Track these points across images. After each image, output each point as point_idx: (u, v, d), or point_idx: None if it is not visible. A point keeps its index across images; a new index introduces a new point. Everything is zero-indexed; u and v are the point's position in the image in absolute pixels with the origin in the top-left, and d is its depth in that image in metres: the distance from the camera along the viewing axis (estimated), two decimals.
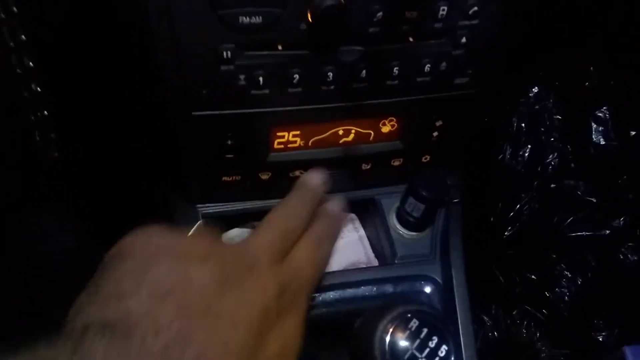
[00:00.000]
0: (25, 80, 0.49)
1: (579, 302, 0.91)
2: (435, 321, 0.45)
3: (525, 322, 0.90)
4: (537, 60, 0.87)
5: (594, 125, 0.93)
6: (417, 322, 0.44)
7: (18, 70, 0.48)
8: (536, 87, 0.88)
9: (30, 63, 0.48)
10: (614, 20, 0.87)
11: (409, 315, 0.45)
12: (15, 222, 0.71)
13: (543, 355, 0.88)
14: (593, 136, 0.93)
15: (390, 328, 0.44)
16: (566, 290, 0.91)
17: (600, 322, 0.91)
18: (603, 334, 0.92)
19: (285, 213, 0.54)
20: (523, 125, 0.88)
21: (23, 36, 0.47)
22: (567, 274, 0.91)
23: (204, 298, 0.39)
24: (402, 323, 0.44)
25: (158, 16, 0.48)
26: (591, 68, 0.88)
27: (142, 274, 0.38)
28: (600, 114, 0.93)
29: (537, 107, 0.88)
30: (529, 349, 0.89)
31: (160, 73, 0.53)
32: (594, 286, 0.92)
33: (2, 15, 0.46)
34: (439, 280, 0.65)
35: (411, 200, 0.63)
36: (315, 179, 0.60)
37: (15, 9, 0.46)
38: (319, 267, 0.54)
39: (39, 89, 0.50)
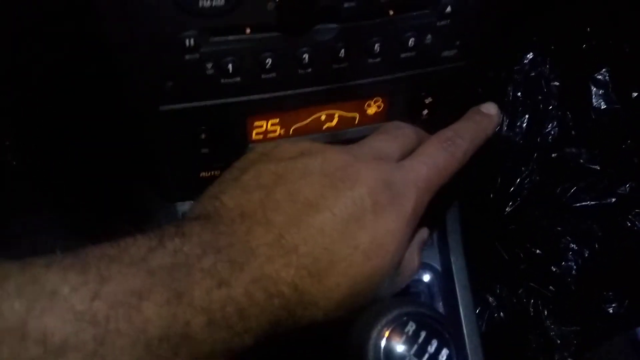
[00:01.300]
0: None
1: (586, 275, 0.87)
2: (435, 323, 0.41)
3: (532, 300, 0.87)
4: (529, 24, 0.82)
5: (594, 89, 0.89)
6: (414, 325, 0.40)
7: None
8: (531, 53, 0.83)
9: None
10: None
11: (405, 317, 0.41)
12: None
13: (552, 333, 0.85)
14: (593, 100, 0.89)
15: (385, 333, 0.40)
16: (573, 264, 0.87)
17: (610, 294, 0.87)
18: (613, 305, 0.89)
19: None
20: (519, 94, 0.84)
21: None
22: (573, 247, 0.87)
23: (288, 187, 0.43)
24: (398, 327, 0.40)
25: (112, 5, 0.44)
26: (588, 29, 0.83)
27: (238, 176, 0.45)
28: (599, 77, 0.89)
29: (532, 74, 0.83)
30: (537, 327, 0.86)
31: (120, 66, 0.49)
32: (602, 257, 0.88)
33: None
34: (438, 267, 0.62)
35: None
36: (492, 108, 0.54)
37: None
38: (441, 167, 0.48)
39: None
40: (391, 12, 0.50)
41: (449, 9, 0.51)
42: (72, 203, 0.69)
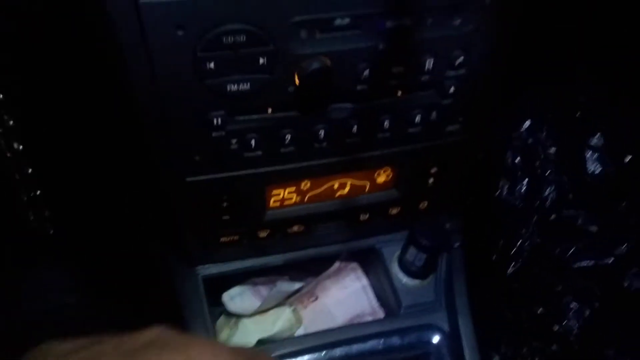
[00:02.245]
0: (16, 163, 0.49)
1: (588, 333, 0.89)
2: None
3: (536, 359, 0.89)
4: (526, 95, 0.87)
5: (589, 153, 0.93)
6: None
7: (8, 154, 0.48)
8: (528, 121, 0.88)
9: (20, 146, 0.48)
10: (597, 49, 0.88)
11: None
12: (14, 280, 0.71)
13: None
14: (588, 164, 0.93)
15: None
16: (575, 322, 0.89)
17: (611, 352, 0.89)
18: None
19: None
20: (518, 160, 0.88)
21: (11, 121, 0.47)
22: (574, 306, 0.90)
23: None
24: None
25: (146, 88, 0.48)
26: (580, 99, 0.88)
27: None
28: (594, 142, 0.93)
29: (530, 140, 0.88)
30: None
31: (152, 142, 0.53)
32: (603, 316, 0.90)
33: None
34: (446, 328, 0.64)
35: (412, 250, 0.63)
36: None
37: (1, 95, 0.46)
38: None
39: (30, 170, 0.50)
40: (399, 93, 0.55)
41: (452, 89, 0.55)
42: (96, 260, 0.72)
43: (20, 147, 0.49)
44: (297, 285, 0.71)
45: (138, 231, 0.66)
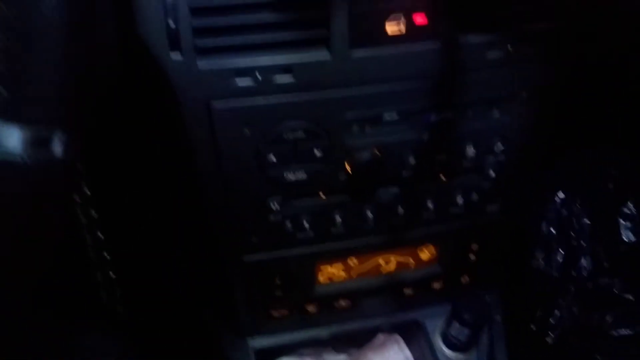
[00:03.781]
0: (96, 249, 0.53)
1: None
2: None
3: None
4: (558, 168, 0.91)
5: (622, 222, 0.95)
6: None
7: (89, 242, 0.53)
8: (561, 193, 0.91)
9: (101, 235, 0.53)
10: (627, 122, 0.91)
11: None
12: (63, 342, 0.74)
13: None
14: (622, 233, 0.94)
15: None
16: None
17: None
18: None
19: None
20: (552, 230, 0.91)
21: (94, 213, 0.52)
22: None
23: None
24: None
25: (212, 177, 0.53)
26: (611, 171, 0.91)
27: None
28: (627, 210, 0.95)
29: (564, 211, 0.91)
30: None
31: (214, 224, 0.57)
32: None
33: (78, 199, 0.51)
34: None
35: (456, 324, 0.65)
36: None
37: (89, 192, 0.51)
38: None
39: (107, 256, 0.55)
40: (442, 177, 0.59)
41: (492, 173, 0.59)
42: (147, 326, 0.75)
43: (102, 236, 0.54)
44: (341, 357, 0.74)
45: (193, 303, 0.70)
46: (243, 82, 0.47)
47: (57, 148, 0.27)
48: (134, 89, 0.47)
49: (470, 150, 0.56)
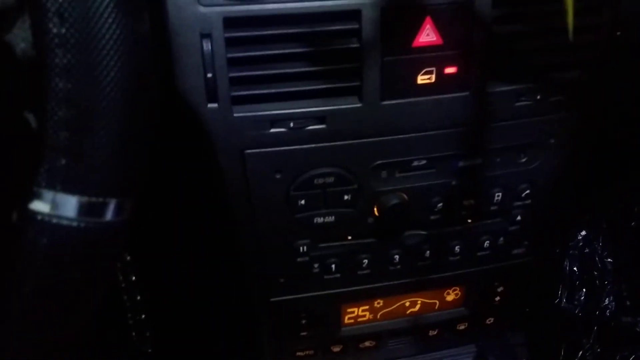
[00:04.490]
0: (129, 292, 0.54)
1: None
2: None
3: None
4: (581, 205, 0.91)
5: None
6: None
7: (123, 284, 0.54)
8: (584, 231, 0.90)
9: (134, 278, 0.54)
10: None
11: None
12: None
13: None
14: None
15: None
16: None
17: None
18: None
19: None
20: (575, 269, 0.90)
21: (128, 257, 0.53)
22: None
23: None
24: None
25: (243, 220, 0.54)
26: (634, 209, 0.91)
27: None
28: None
29: (587, 250, 0.90)
30: None
31: (243, 266, 0.58)
32: None
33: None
34: None
35: None
36: None
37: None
38: None
39: (139, 297, 0.55)
40: (469, 221, 0.59)
41: (518, 217, 0.59)
42: None
43: (134, 278, 0.55)
44: None
45: (220, 344, 0.70)
46: (277, 130, 0.48)
47: (110, 214, 0.28)
48: (171, 139, 0.49)
49: (498, 196, 0.57)
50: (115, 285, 0.55)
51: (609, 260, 0.91)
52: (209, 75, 0.45)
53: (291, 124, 0.48)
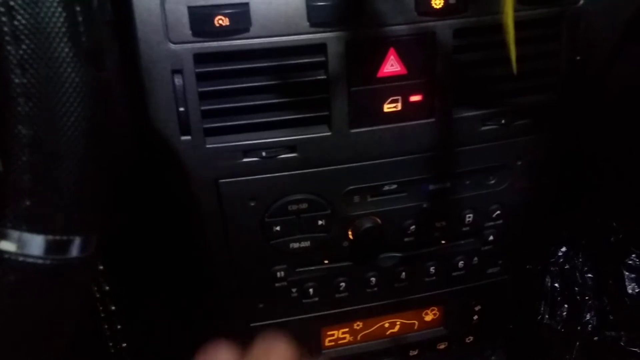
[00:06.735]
0: (107, 318, 0.55)
1: None
2: None
3: None
4: (560, 221, 0.92)
5: (627, 274, 0.95)
6: None
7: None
8: (564, 247, 0.92)
9: (113, 307, 0.55)
10: (624, 174, 0.93)
11: None
12: None
13: None
14: (627, 285, 0.95)
15: None
16: None
17: None
18: None
19: None
20: (556, 285, 0.92)
21: (107, 287, 0.54)
22: None
23: None
24: None
25: (219, 248, 0.55)
26: (612, 223, 0.92)
27: None
28: (630, 262, 0.96)
29: (567, 266, 0.92)
30: None
31: (221, 292, 0.59)
32: None
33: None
34: None
35: None
36: None
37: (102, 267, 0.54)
38: None
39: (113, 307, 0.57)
40: (443, 242, 0.60)
41: (491, 237, 0.61)
42: None
43: (113, 308, 0.56)
44: None
45: None
46: (250, 159, 0.50)
47: (76, 250, 0.30)
48: (143, 172, 0.50)
49: (469, 217, 0.58)
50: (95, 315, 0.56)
51: (590, 275, 0.92)
52: (181, 109, 0.46)
53: (263, 153, 0.50)
